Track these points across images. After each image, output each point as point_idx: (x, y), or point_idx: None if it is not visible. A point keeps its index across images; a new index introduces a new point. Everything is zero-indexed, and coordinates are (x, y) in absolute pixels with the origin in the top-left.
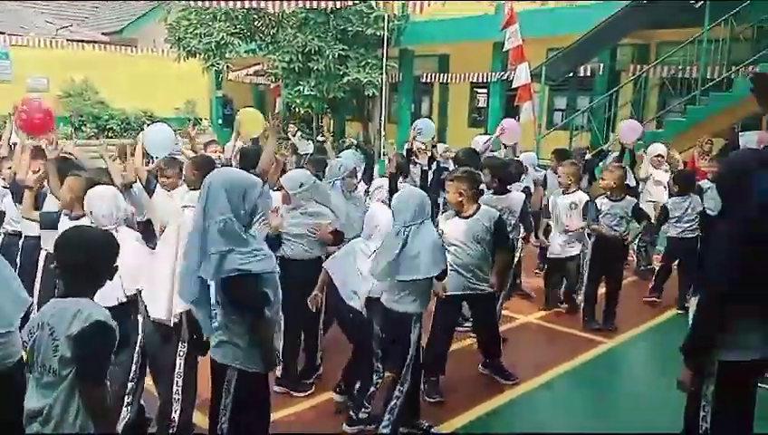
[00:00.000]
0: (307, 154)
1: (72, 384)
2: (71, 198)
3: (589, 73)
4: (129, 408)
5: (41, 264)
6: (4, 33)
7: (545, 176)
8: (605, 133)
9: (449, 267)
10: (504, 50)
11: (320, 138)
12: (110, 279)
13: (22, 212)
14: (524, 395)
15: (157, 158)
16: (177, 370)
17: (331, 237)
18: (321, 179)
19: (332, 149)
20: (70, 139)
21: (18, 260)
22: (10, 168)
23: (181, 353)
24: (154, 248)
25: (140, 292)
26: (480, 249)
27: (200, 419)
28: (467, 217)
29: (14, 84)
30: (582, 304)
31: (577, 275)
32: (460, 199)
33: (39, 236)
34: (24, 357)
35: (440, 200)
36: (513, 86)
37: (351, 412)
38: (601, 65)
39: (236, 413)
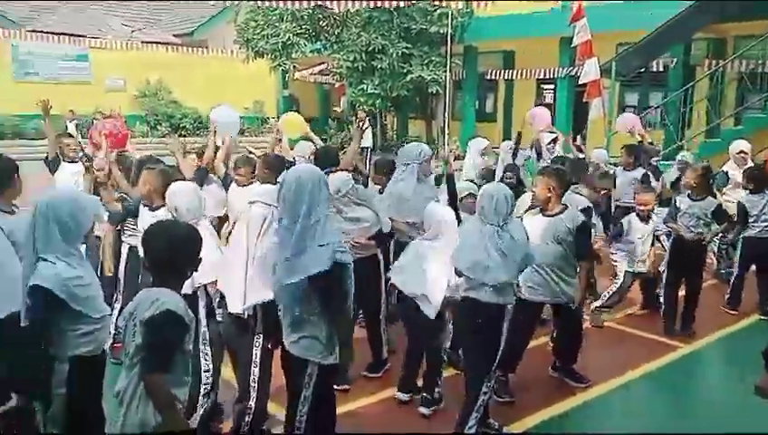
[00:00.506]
0: (367, 148)
1: (139, 371)
2: (148, 190)
3: (661, 68)
4: (206, 399)
5: (123, 257)
6: (84, 36)
7: (614, 174)
8: (680, 130)
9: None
10: (572, 45)
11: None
12: (196, 270)
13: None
14: (597, 398)
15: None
16: (253, 359)
17: (373, 243)
18: (388, 179)
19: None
20: (146, 137)
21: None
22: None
23: (257, 344)
24: None
25: (214, 283)
26: (561, 250)
27: (273, 407)
28: (552, 216)
29: (94, 85)
30: (662, 308)
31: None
32: (548, 195)
33: (119, 231)
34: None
35: None
36: (581, 82)
37: (425, 393)
38: (675, 60)
39: (315, 405)
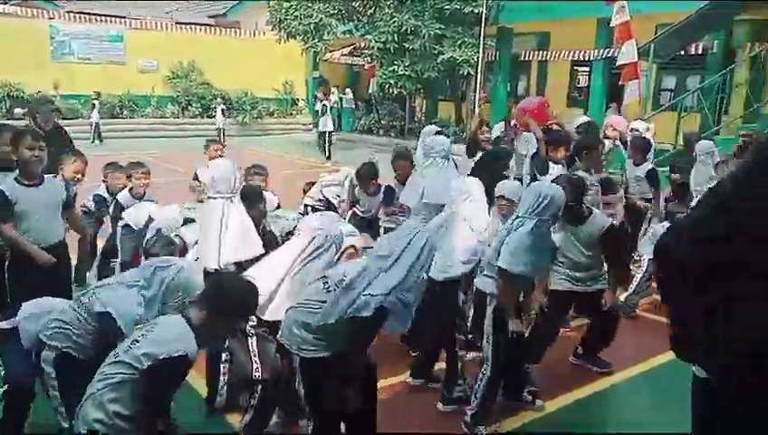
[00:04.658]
0: (327, 132)
1: None
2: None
3: (701, 51)
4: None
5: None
6: (119, 17)
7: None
8: (716, 115)
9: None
10: (610, 26)
11: None
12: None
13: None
14: (615, 386)
15: None
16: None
17: None
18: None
19: None
20: (177, 117)
21: None
22: None
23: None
24: None
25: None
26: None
27: None
28: None
29: (128, 66)
30: None
31: None
32: None
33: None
34: None
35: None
36: (619, 63)
37: (444, 391)
38: (715, 43)
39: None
